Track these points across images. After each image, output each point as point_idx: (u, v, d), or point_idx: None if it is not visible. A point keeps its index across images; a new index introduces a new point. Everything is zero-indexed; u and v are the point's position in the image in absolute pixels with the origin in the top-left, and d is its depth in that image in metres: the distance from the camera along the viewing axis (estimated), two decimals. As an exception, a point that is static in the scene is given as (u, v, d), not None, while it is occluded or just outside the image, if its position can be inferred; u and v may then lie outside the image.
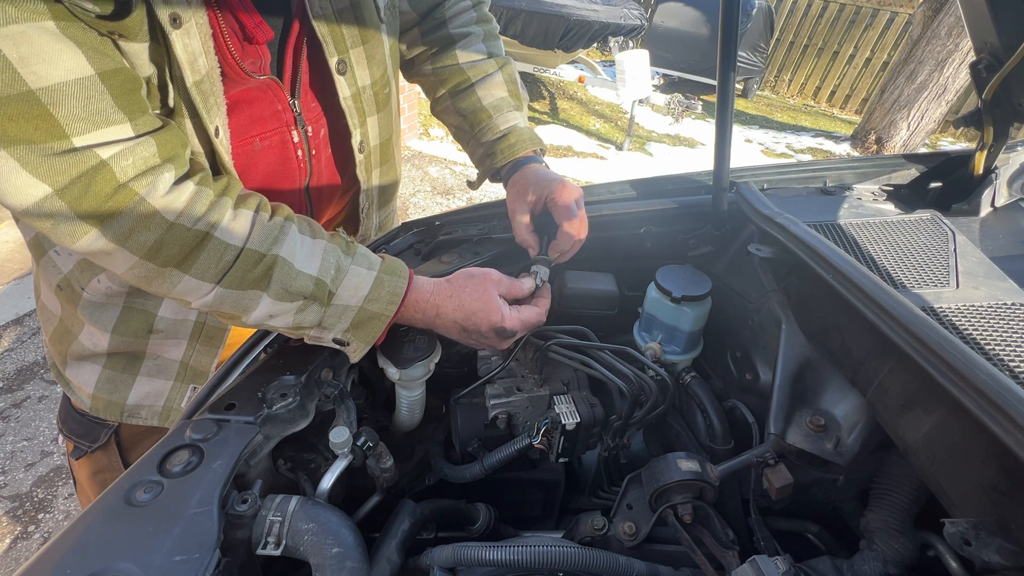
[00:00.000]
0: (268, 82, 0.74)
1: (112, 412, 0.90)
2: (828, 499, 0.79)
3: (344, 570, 0.52)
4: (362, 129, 0.86)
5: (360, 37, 0.80)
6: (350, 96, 0.82)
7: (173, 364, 0.88)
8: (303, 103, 0.79)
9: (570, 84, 6.98)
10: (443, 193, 4.23)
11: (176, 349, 0.86)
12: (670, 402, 0.81)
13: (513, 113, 0.96)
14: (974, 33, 1.01)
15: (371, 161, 0.92)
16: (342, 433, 0.65)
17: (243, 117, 0.74)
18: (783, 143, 6.46)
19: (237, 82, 0.71)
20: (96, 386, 0.88)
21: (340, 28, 0.77)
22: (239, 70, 0.69)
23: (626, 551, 0.69)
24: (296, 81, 0.77)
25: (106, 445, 0.96)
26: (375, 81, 0.85)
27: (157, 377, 0.89)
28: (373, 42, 0.82)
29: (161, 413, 0.90)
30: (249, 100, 0.74)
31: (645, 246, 0.99)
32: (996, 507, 0.51)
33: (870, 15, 7.52)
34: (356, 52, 0.80)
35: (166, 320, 0.83)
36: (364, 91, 0.84)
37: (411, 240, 0.98)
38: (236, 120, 0.73)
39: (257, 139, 0.77)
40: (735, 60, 0.86)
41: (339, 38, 0.77)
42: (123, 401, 0.89)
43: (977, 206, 1.05)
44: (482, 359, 0.88)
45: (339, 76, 0.79)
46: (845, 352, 0.72)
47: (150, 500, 0.51)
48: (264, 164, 0.79)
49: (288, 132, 0.79)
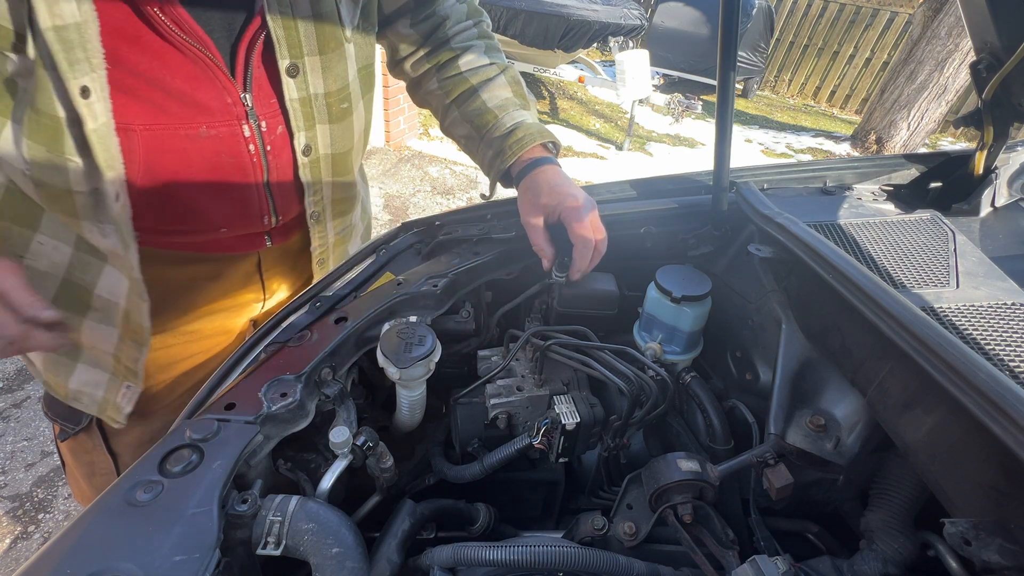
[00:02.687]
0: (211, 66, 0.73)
1: (59, 392, 0.92)
2: (828, 499, 0.79)
3: (344, 570, 0.52)
4: (308, 133, 0.85)
5: (318, 47, 0.80)
6: (297, 99, 0.82)
7: (107, 357, 0.88)
8: (257, 98, 0.79)
9: (570, 84, 6.98)
10: (443, 193, 4.23)
11: (108, 340, 0.87)
12: (670, 402, 0.81)
13: (520, 111, 0.96)
14: (974, 33, 1.01)
15: (320, 168, 0.91)
16: (342, 433, 0.65)
17: (187, 101, 0.73)
18: (783, 143, 6.46)
19: (151, 49, 0.68)
20: (44, 365, 0.90)
21: (297, 33, 0.77)
22: (147, 30, 0.66)
23: (626, 551, 0.69)
24: (248, 75, 0.77)
25: (88, 428, 0.97)
26: (330, 92, 0.85)
27: (95, 368, 0.89)
28: (333, 56, 0.83)
29: (100, 404, 0.91)
30: (189, 79, 0.72)
31: (645, 246, 0.99)
32: (996, 507, 0.51)
33: (870, 15, 7.52)
34: (311, 60, 0.80)
35: (101, 299, 0.83)
36: (316, 98, 0.84)
37: (411, 240, 0.98)
38: (177, 105, 0.73)
39: (204, 127, 0.76)
40: (735, 60, 0.86)
41: (294, 42, 0.77)
42: (66, 384, 0.91)
43: (977, 206, 1.05)
44: (482, 359, 0.88)
45: (288, 78, 0.79)
46: (845, 352, 0.72)
47: (150, 500, 0.51)
48: (210, 152, 0.78)
49: (239, 125, 0.78)
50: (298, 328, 0.75)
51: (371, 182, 4.18)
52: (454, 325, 0.88)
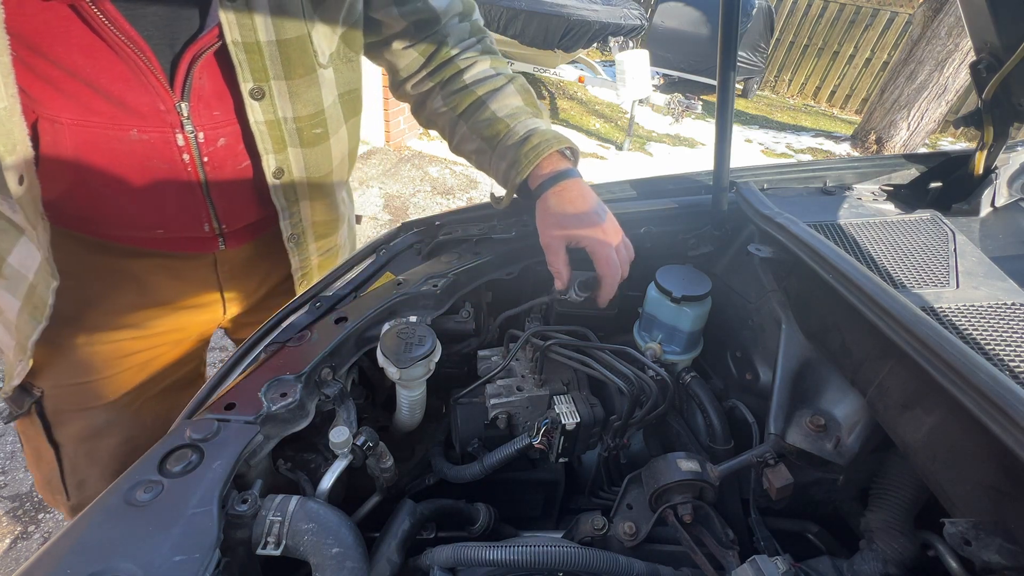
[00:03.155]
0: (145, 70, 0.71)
1: None
2: (828, 499, 0.79)
3: (344, 570, 0.53)
4: (278, 156, 0.85)
5: (285, 72, 0.79)
6: (263, 122, 0.81)
7: (11, 324, 0.87)
8: (195, 109, 0.77)
9: (570, 84, 6.98)
10: (443, 193, 4.23)
11: (11, 309, 0.86)
12: (670, 402, 0.81)
13: (533, 119, 0.93)
14: (974, 33, 1.01)
15: (295, 191, 0.90)
16: (342, 433, 0.65)
17: (115, 102, 0.73)
18: (783, 143, 6.46)
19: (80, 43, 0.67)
20: None
21: (261, 57, 0.76)
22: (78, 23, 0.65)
23: (626, 551, 0.69)
24: (187, 86, 0.75)
25: (29, 415, 0.94)
26: (300, 117, 0.84)
27: (5, 332, 0.88)
28: (303, 82, 0.82)
29: (6, 369, 0.90)
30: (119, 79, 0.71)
31: (645, 246, 0.99)
32: (996, 507, 0.51)
33: (870, 15, 7.52)
34: (279, 84, 0.79)
35: (12, 268, 0.82)
36: (286, 122, 0.83)
37: (411, 240, 0.98)
38: (105, 104, 0.72)
39: (135, 130, 0.75)
40: (735, 60, 0.86)
41: (258, 67, 0.76)
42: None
43: (977, 206, 1.05)
44: (482, 359, 0.88)
45: (253, 100, 0.78)
46: (845, 352, 0.72)
47: (150, 500, 0.51)
48: (141, 156, 0.77)
49: (172, 133, 0.77)
50: (298, 328, 0.75)
51: (371, 182, 4.18)
52: (454, 325, 0.88)
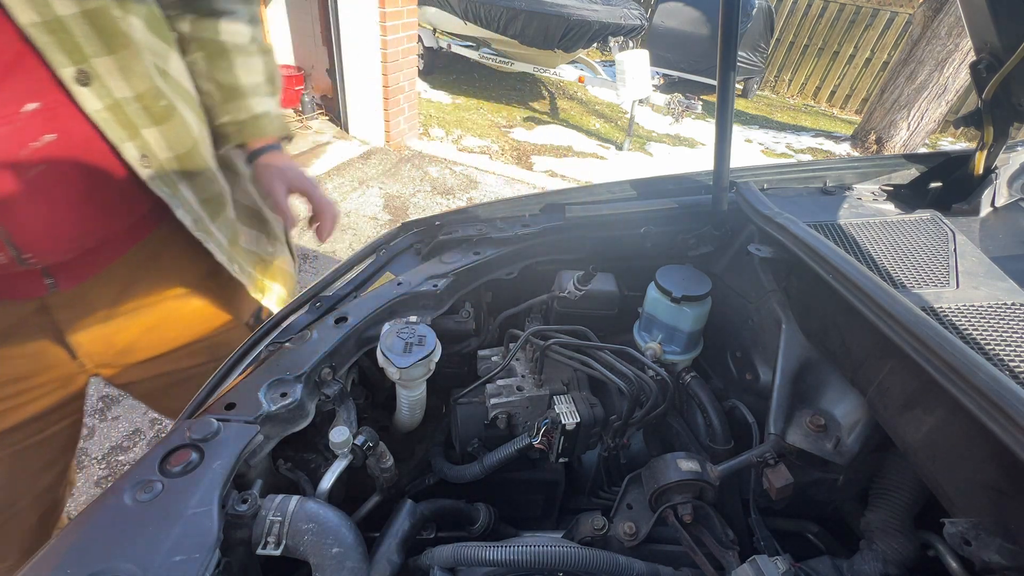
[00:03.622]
0: None
1: None
2: (828, 499, 0.79)
3: (344, 570, 0.53)
4: (136, 142, 0.76)
5: (104, 47, 0.70)
6: (103, 108, 0.72)
7: None
8: None
9: (570, 84, 6.98)
10: (443, 193, 4.23)
11: None
12: (670, 402, 0.81)
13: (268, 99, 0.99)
14: (974, 33, 1.01)
15: (170, 175, 0.82)
16: (342, 433, 0.65)
17: None
18: (783, 143, 6.46)
19: None
20: None
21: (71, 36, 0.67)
22: None
23: (626, 551, 0.69)
24: None
25: None
26: (140, 95, 0.75)
27: None
28: (125, 54, 0.73)
29: None
30: None
31: (645, 246, 0.99)
32: (996, 507, 0.51)
33: (870, 15, 7.52)
34: (102, 61, 0.70)
35: None
36: (128, 103, 0.74)
37: (411, 240, 0.98)
38: None
39: None
40: (735, 60, 0.86)
41: (72, 47, 0.67)
42: None
43: (977, 206, 1.05)
44: (482, 359, 0.88)
45: (80, 87, 0.69)
46: (845, 352, 0.72)
47: (150, 500, 0.51)
48: None
49: None
50: (298, 328, 0.75)
51: (371, 182, 4.18)
52: (454, 325, 0.88)
